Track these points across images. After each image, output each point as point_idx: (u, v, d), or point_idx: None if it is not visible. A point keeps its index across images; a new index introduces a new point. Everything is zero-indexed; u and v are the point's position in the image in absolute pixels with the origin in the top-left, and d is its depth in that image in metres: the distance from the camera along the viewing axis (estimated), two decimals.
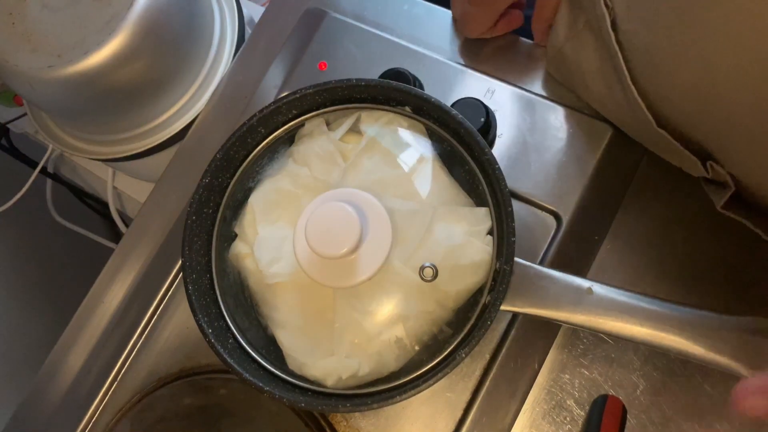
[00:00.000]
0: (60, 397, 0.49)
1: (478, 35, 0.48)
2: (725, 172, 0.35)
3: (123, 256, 0.51)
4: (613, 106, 0.42)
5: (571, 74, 0.45)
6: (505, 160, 0.45)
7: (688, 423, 0.39)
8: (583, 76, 0.43)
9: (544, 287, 0.35)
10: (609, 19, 0.36)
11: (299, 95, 0.39)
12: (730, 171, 0.35)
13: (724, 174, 0.35)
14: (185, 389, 0.45)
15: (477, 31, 0.48)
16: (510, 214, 0.35)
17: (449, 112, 0.37)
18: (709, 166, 0.36)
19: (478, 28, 0.48)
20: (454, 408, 0.42)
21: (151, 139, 0.55)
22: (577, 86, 0.45)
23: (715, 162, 0.35)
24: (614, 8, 0.36)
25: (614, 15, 0.36)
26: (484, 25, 0.47)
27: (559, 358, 0.42)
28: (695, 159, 0.36)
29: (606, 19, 0.36)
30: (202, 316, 0.37)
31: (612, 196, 0.44)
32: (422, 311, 0.36)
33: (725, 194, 0.35)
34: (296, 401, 0.35)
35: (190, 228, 0.38)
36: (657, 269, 0.42)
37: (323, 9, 0.53)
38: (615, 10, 0.36)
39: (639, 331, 0.33)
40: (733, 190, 0.35)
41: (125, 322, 0.49)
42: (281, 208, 0.39)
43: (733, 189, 0.35)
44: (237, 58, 0.55)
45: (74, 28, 0.47)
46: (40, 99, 0.51)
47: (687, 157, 0.37)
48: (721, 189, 0.36)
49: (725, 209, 0.36)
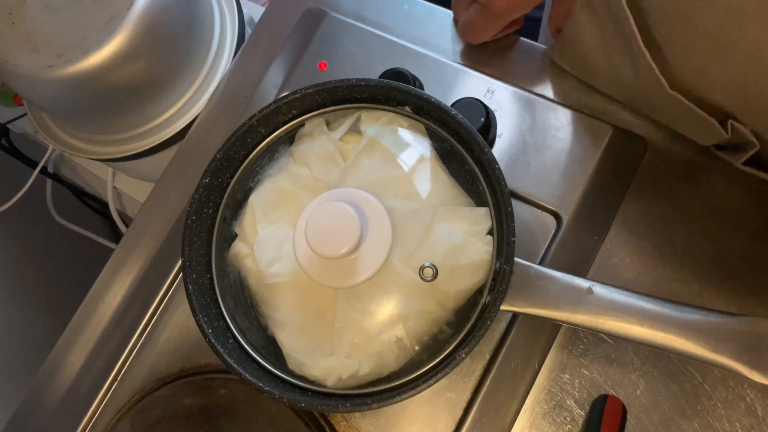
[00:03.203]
0: (60, 397, 0.49)
1: (481, 42, 0.48)
2: (748, 130, 0.34)
3: (123, 256, 0.51)
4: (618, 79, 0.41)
5: (574, 57, 0.45)
6: (505, 160, 0.45)
7: (688, 423, 0.39)
8: (586, 54, 0.42)
9: (544, 287, 0.35)
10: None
11: (299, 95, 0.39)
12: (752, 128, 0.34)
13: (746, 133, 0.34)
14: (185, 389, 0.45)
15: (482, 39, 0.48)
16: (510, 214, 0.35)
17: (449, 111, 0.37)
18: (729, 125, 0.35)
19: (482, 37, 0.47)
20: (454, 408, 0.42)
21: (151, 139, 0.55)
22: (580, 69, 0.45)
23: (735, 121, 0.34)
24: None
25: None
26: (491, 35, 0.47)
27: (559, 358, 0.42)
28: (713, 120, 0.35)
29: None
30: (202, 316, 0.37)
31: (612, 196, 0.44)
32: (422, 311, 0.36)
33: (746, 154, 0.35)
34: (296, 401, 0.35)
35: (190, 228, 0.38)
36: (657, 269, 0.42)
37: (323, 9, 0.53)
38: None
39: (639, 330, 0.33)
40: (757, 147, 0.34)
41: (125, 322, 0.49)
42: (281, 208, 0.39)
43: (757, 146, 0.34)
44: (237, 58, 0.55)
45: (74, 28, 0.47)
46: (40, 99, 0.51)
47: (703, 118, 0.36)
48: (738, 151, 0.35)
49: (746, 166, 0.35)
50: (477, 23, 0.47)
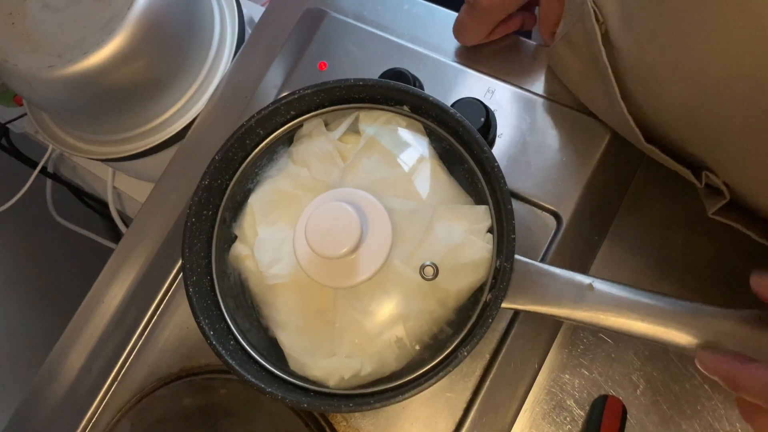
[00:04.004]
0: (60, 397, 0.49)
1: (475, 43, 0.48)
2: (720, 181, 0.35)
3: (123, 256, 0.51)
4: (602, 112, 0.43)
5: (565, 76, 0.45)
6: (505, 160, 0.45)
7: (688, 423, 0.39)
8: (573, 80, 0.43)
9: (545, 284, 0.35)
10: (600, 33, 0.36)
11: (297, 96, 0.39)
12: (724, 180, 0.35)
13: (718, 183, 0.35)
14: (185, 389, 0.45)
15: (473, 40, 0.48)
16: (510, 211, 0.35)
17: (447, 110, 0.37)
18: (704, 175, 0.36)
19: (474, 37, 0.48)
20: (454, 408, 0.42)
21: (151, 139, 0.55)
22: (571, 87, 0.45)
23: (709, 171, 0.35)
24: (606, 23, 0.36)
25: (605, 29, 0.36)
26: (480, 35, 0.47)
27: (559, 358, 0.42)
28: (687, 171, 0.37)
29: (597, 33, 0.36)
30: (203, 318, 0.37)
31: (612, 196, 0.44)
32: (423, 310, 0.36)
33: (718, 202, 0.35)
34: (299, 402, 0.35)
35: (190, 230, 0.38)
36: (657, 269, 0.42)
37: (323, 9, 0.53)
38: (607, 25, 0.36)
39: (641, 326, 0.33)
40: (727, 200, 0.35)
41: (125, 322, 0.49)
42: (281, 209, 0.39)
43: (727, 198, 0.35)
44: (237, 58, 0.55)
45: (74, 28, 0.47)
46: (40, 99, 0.51)
47: (678, 169, 0.37)
48: (714, 195, 0.36)
49: (717, 215, 0.36)
50: (467, 23, 0.47)
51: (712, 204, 0.36)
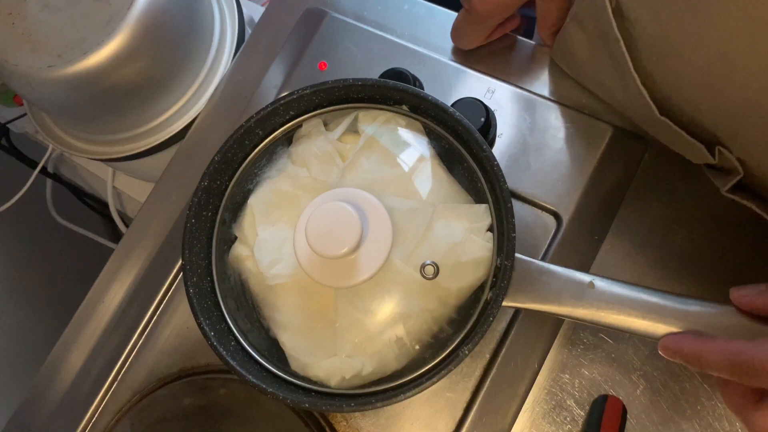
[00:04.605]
0: (60, 397, 0.49)
1: (473, 47, 0.48)
2: (734, 158, 0.34)
3: (123, 256, 0.51)
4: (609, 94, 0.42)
5: (569, 64, 0.45)
6: (505, 160, 0.45)
7: (688, 423, 0.39)
8: (579, 67, 0.43)
9: (545, 282, 0.35)
10: (611, 7, 0.35)
11: (296, 96, 0.39)
12: (738, 156, 0.34)
13: (732, 159, 0.34)
14: (185, 389, 0.45)
15: (471, 44, 0.48)
16: (510, 210, 0.35)
17: (446, 109, 0.37)
18: (717, 151, 0.35)
19: (472, 42, 0.48)
20: (454, 408, 0.42)
21: (151, 139, 0.55)
22: (577, 76, 0.45)
23: (723, 147, 0.35)
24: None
25: (616, 3, 0.35)
26: (478, 39, 0.47)
27: (559, 358, 0.42)
28: (700, 145, 0.36)
29: (607, 7, 0.35)
30: (204, 319, 0.37)
31: (612, 195, 0.44)
32: (424, 309, 0.36)
33: (731, 179, 0.35)
34: (300, 402, 0.35)
35: (190, 231, 0.38)
36: (657, 269, 0.42)
37: (323, 9, 0.53)
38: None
39: (642, 323, 0.33)
40: (741, 175, 0.34)
41: (125, 322, 0.49)
42: (281, 209, 0.39)
43: (741, 174, 0.34)
44: (237, 58, 0.55)
45: (74, 28, 0.47)
46: (40, 99, 0.51)
47: (691, 143, 0.36)
48: (725, 174, 0.36)
49: (730, 193, 0.36)
50: (464, 28, 0.47)
51: (724, 182, 0.36)
